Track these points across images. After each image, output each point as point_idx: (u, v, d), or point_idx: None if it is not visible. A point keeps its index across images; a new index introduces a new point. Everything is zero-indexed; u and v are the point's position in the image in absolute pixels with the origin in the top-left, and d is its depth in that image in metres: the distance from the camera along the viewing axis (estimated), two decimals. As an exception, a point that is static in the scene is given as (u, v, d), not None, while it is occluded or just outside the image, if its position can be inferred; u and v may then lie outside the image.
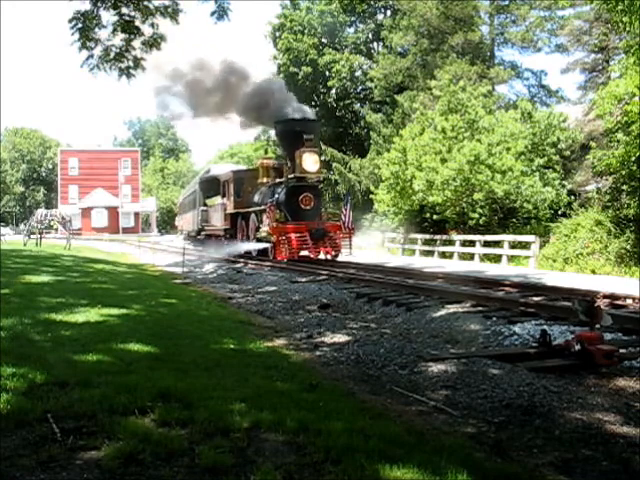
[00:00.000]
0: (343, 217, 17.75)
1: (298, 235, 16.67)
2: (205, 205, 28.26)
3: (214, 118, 25.62)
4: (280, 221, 17.36)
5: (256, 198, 20.34)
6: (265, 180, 20.37)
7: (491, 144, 21.99)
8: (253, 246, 19.74)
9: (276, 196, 17.98)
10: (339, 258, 17.36)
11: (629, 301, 8.09)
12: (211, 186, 27.32)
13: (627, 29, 15.06)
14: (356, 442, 3.04)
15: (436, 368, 5.05)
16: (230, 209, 22.44)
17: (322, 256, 17.37)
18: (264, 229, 17.89)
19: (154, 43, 9.39)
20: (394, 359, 5.48)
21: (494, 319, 7.09)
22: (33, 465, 2.73)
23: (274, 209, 17.32)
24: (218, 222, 24.65)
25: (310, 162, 17.34)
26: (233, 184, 22.08)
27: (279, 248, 16.85)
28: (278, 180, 19.31)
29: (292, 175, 17.80)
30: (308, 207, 17.68)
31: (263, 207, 18.56)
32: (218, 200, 25.00)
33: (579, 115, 25.50)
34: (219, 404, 3.57)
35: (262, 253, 18.98)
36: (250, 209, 20.43)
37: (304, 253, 17.34)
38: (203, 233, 28.39)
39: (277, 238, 16.87)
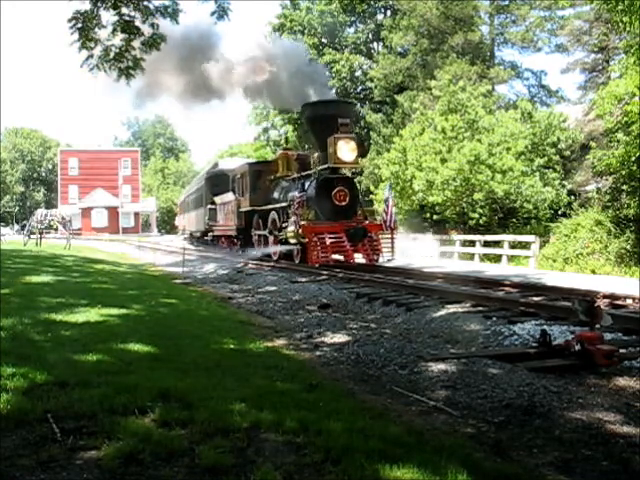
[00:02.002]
0: (384, 215, 15.48)
1: (333, 236, 14.38)
2: (213, 203, 25.84)
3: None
4: (311, 220, 14.91)
5: (276, 194, 18.17)
6: (286, 173, 18.01)
7: (491, 144, 22.00)
8: (273, 249, 17.59)
9: (304, 191, 15.47)
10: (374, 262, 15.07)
11: (629, 301, 8.08)
12: (219, 182, 25.49)
13: (627, 29, 15.06)
14: (356, 442, 3.04)
15: (436, 368, 5.05)
16: (245, 206, 20.09)
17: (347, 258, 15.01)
18: (290, 229, 15.28)
19: (154, 43, 9.38)
20: (394, 359, 5.48)
21: (494, 319, 7.09)
22: (33, 465, 2.74)
23: (303, 205, 14.89)
24: (229, 221, 22.47)
25: (346, 150, 14.82)
26: (249, 178, 19.69)
27: (311, 251, 14.31)
28: (304, 173, 16.75)
29: (324, 166, 15.43)
30: (343, 203, 15.25)
31: (286, 204, 16.49)
32: (229, 197, 22.69)
33: (579, 115, 25.51)
34: (219, 404, 3.56)
35: (285, 257, 16.79)
36: (269, 206, 18.10)
37: (335, 256, 14.77)
38: (211, 234, 26.36)
39: (309, 239, 14.37)
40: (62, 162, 67.73)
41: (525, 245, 19.42)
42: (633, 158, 16.06)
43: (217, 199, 25.08)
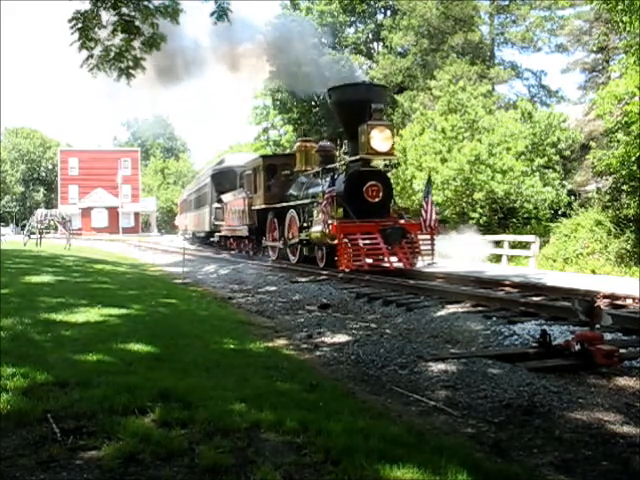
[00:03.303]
0: (424, 213, 13.47)
1: (368, 237, 12.58)
2: (220, 201, 24.10)
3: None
4: (341, 218, 13.20)
5: (293, 190, 16.57)
6: (304, 167, 16.44)
7: (491, 144, 22.01)
8: (292, 251, 16.06)
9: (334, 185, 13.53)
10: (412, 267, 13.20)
11: (629, 301, 8.08)
12: (226, 179, 24.11)
13: (627, 29, 15.07)
14: (356, 442, 3.04)
15: (436, 368, 5.05)
16: (258, 204, 18.27)
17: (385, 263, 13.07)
18: (316, 229, 13.52)
19: (154, 43, 9.38)
20: (394, 359, 5.48)
21: (494, 319, 7.09)
22: (33, 465, 2.73)
23: (333, 202, 13.06)
24: (239, 220, 20.64)
25: (380, 139, 13.03)
26: (263, 173, 17.87)
27: (342, 254, 12.53)
28: (329, 166, 14.96)
29: (355, 157, 13.71)
30: (375, 200, 13.44)
31: (308, 201, 14.87)
32: (239, 194, 20.97)
33: (579, 115, 25.53)
34: (219, 404, 3.56)
35: (307, 260, 15.05)
36: (288, 203, 16.35)
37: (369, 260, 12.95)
38: (217, 234, 24.68)
39: (340, 241, 12.54)
40: (62, 162, 67.74)
41: (525, 245, 19.42)
42: (633, 158, 16.07)
43: (224, 197, 23.46)
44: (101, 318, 6.69)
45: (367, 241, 12.48)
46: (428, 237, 13.41)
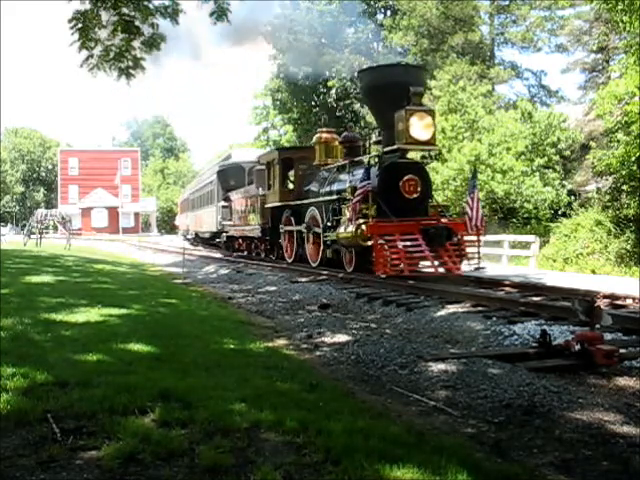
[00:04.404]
0: (469, 210, 11.73)
1: (407, 238, 10.96)
2: (227, 200, 22.61)
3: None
4: (375, 217, 11.51)
5: (313, 186, 15.02)
6: (326, 161, 15.06)
7: (491, 144, 22.02)
8: (313, 253, 14.45)
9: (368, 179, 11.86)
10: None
11: (629, 301, 8.08)
12: (234, 176, 22.84)
13: (627, 29, 15.08)
14: (356, 442, 3.04)
15: (436, 368, 5.05)
16: (273, 202, 16.70)
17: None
18: (346, 229, 11.83)
19: (154, 43, 9.39)
20: (394, 359, 5.47)
21: (494, 319, 7.09)
22: (33, 465, 2.74)
23: (368, 198, 11.53)
24: (250, 220, 19.20)
25: (420, 127, 11.44)
26: (278, 168, 16.30)
27: (379, 258, 10.94)
28: (357, 158, 13.65)
29: (392, 147, 11.95)
30: (413, 195, 11.85)
31: (333, 197, 13.31)
32: (250, 191, 19.47)
33: (579, 115, 25.54)
34: (219, 404, 3.57)
35: (330, 264, 13.56)
36: (309, 200, 14.79)
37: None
38: (224, 235, 23.14)
39: (376, 242, 10.97)
40: (62, 162, 67.75)
41: (525, 245, 19.42)
42: (633, 158, 16.08)
43: (233, 195, 22.01)
44: (101, 318, 6.69)
45: (407, 243, 10.88)
46: (474, 238, 11.83)
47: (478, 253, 11.82)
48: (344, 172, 13.49)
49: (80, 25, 9.03)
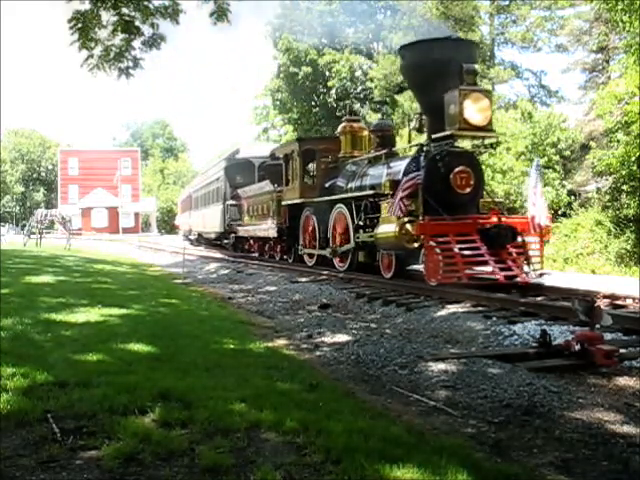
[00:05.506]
0: (532, 207, 10.05)
1: (463, 239, 9.49)
2: (235, 197, 21.40)
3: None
4: (423, 215, 9.94)
5: (340, 181, 13.52)
6: (352, 153, 13.82)
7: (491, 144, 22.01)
8: (341, 254, 12.92)
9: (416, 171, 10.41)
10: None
11: (629, 301, 8.08)
12: (242, 172, 21.52)
13: (627, 28, 15.07)
14: (356, 442, 3.04)
15: (436, 368, 5.05)
16: (292, 198, 15.12)
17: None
18: (386, 229, 10.20)
19: (154, 43, 9.40)
20: (394, 359, 5.48)
21: (494, 319, 7.09)
22: (33, 465, 2.74)
23: (417, 192, 10.05)
24: (263, 219, 17.74)
25: (475, 110, 9.87)
26: (299, 160, 14.75)
27: (430, 262, 9.53)
28: (394, 149, 12.49)
29: (443, 134, 10.30)
30: (466, 190, 10.30)
31: (365, 193, 11.79)
32: (264, 187, 18.11)
33: (579, 115, 25.55)
34: (219, 404, 3.57)
35: (361, 268, 12.15)
36: (337, 196, 13.18)
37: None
38: (233, 236, 21.82)
39: (427, 244, 9.49)
40: (62, 162, 67.69)
41: (525, 245, 19.38)
42: (633, 158, 16.09)
43: (243, 192, 20.57)
44: (101, 318, 6.69)
45: (463, 245, 9.40)
46: (536, 239, 10.17)
47: (541, 257, 10.25)
48: (379, 164, 12.17)
49: (80, 25, 9.02)
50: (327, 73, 38.72)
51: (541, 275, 9.87)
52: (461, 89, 9.87)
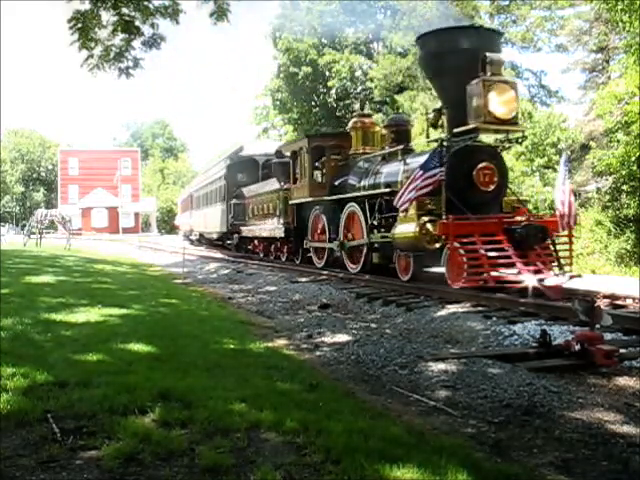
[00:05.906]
0: (560, 205, 9.15)
1: (489, 240, 8.94)
2: (239, 197, 20.84)
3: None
4: (447, 214, 9.28)
5: (352, 178, 12.84)
6: (364, 149, 13.26)
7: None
8: (353, 254, 12.34)
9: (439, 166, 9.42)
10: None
11: (629, 301, 8.08)
12: (246, 170, 21.10)
13: (627, 28, 15.07)
14: (356, 442, 3.04)
15: (436, 368, 5.05)
16: (301, 197, 14.53)
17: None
18: (405, 229, 9.66)
19: (154, 43, 9.41)
20: (394, 359, 5.48)
21: (494, 319, 7.09)
22: (33, 465, 2.74)
23: (441, 189, 9.41)
24: (269, 219, 17.14)
25: (500, 103, 9.32)
26: (308, 157, 14.13)
27: (454, 264, 9.01)
28: (410, 145, 12.04)
29: (465, 127, 9.66)
30: (490, 187, 9.71)
31: (380, 191, 11.19)
32: (270, 186, 17.54)
33: (579, 115, 25.57)
34: (219, 404, 3.57)
35: (375, 271, 11.61)
36: (348, 195, 12.52)
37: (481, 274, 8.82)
38: (236, 236, 21.29)
39: (451, 245, 8.96)
40: (62, 162, 67.69)
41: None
42: (633, 158, 16.10)
43: (247, 190, 20.09)
44: (101, 318, 6.69)
45: (490, 246, 8.86)
46: (566, 240, 9.67)
47: (570, 258, 9.73)
48: (394, 161, 11.57)
49: (80, 25, 9.03)
50: (327, 73, 38.72)
51: (571, 278, 9.10)
52: (485, 80, 9.29)
